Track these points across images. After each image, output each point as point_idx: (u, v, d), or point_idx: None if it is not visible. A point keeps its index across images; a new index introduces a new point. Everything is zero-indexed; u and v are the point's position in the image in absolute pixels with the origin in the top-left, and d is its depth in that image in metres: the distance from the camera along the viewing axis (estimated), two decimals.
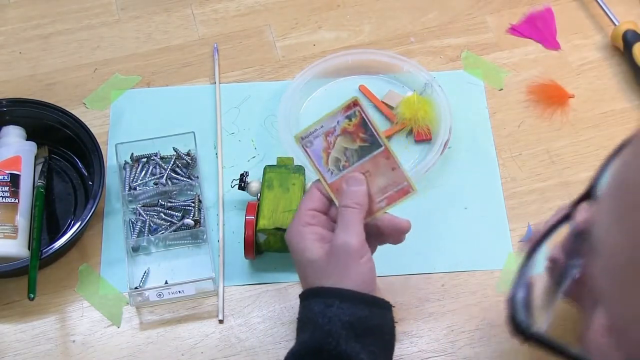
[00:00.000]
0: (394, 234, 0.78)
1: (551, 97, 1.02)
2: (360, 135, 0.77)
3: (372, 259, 0.75)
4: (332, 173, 0.77)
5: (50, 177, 0.96)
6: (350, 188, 0.76)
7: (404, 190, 0.77)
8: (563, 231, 0.51)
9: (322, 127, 0.77)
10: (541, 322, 0.47)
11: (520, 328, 0.43)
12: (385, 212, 0.77)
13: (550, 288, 0.52)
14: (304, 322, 0.73)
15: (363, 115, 0.77)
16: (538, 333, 0.43)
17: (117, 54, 1.07)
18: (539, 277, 0.52)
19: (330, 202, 0.77)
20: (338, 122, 0.77)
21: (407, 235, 0.92)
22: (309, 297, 0.73)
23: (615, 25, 1.05)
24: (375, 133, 0.77)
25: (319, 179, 0.77)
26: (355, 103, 0.77)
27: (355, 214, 0.74)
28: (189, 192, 0.96)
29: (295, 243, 0.75)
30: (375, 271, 0.75)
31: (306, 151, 0.77)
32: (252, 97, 1.03)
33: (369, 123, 0.77)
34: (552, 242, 0.51)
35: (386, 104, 1.02)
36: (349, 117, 0.77)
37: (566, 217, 0.51)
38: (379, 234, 0.77)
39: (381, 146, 0.77)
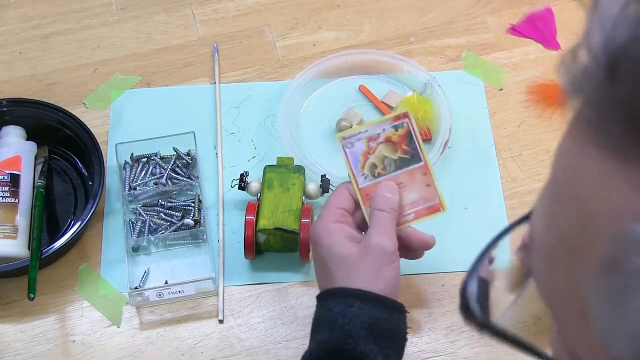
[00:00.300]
0: (420, 249, 0.79)
1: (551, 97, 1.02)
2: (404, 147, 0.77)
3: (399, 267, 0.75)
4: (365, 178, 0.77)
5: (50, 177, 0.96)
6: (386, 194, 0.76)
7: (434, 208, 0.77)
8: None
9: (366, 131, 0.77)
10: (501, 314, 0.47)
11: (472, 317, 0.43)
12: (410, 227, 0.78)
13: (517, 279, 0.52)
14: (320, 322, 0.73)
15: (411, 127, 0.77)
16: (492, 323, 0.43)
17: (117, 54, 1.07)
18: (504, 270, 0.52)
19: (356, 205, 0.77)
20: (384, 130, 0.77)
21: None
22: (326, 297, 0.73)
23: None
24: (418, 147, 0.77)
25: (349, 181, 0.77)
26: (405, 114, 0.77)
27: (390, 218, 0.75)
28: (189, 192, 0.96)
29: (324, 238, 0.74)
30: (399, 279, 0.75)
31: (345, 151, 0.77)
32: (252, 97, 1.03)
33: (414, 136, 0.77)
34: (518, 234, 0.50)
35: (386, 104, 1.02)
36: (395, 127, 0.77)
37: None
38: (404, 248, 0.77)
39: (421, 161, 0.77)
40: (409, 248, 0.79)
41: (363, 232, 0.77)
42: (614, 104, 0.30)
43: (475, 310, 0.42)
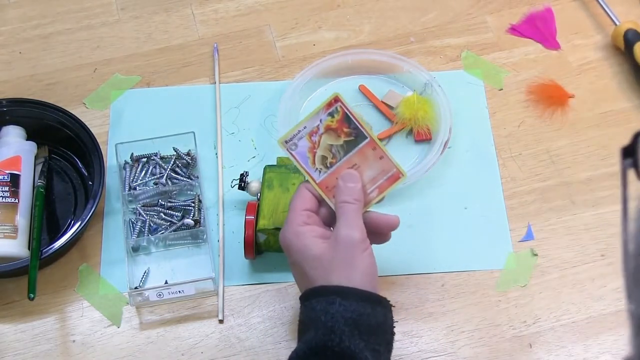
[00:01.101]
0: (386, 231, 0.79)
1: (551, 97, 1.02)
2: (344, 130, 0.78)
3: (373, 254, 0.75)
4: (320, 172, 0.78)
5: (50, 177, 0.96)
6: (347, 184, 0.77)
7: (394, 177, 0.78)
8: None
9: (304, 127, 0.78)
10: None
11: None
12: (373, 211, 0.78)
13: None
14: (306, 323, 0.73)
15: (345, 109, 0.77)
16: None
17: (117, 54, 1.07)
18: None
19: (320, 202, 0.78)
20: (321, 121, 0.78)
21: (407, 235, 0.92)
22: (309, 297, 0.73)
23: (615, 25, 1.05)
24: (359, 125, 0.77)
25: (307, 180, 0.78)
26: (336, 99, 0.78)
27: (355, 208, 0.75)
28: (189, 192, 0.96)
29: (296, 243, 0.75)
30: (376, 266, 0.75)
31: (292, 154, 0.78)
32: (252, 97, 1.03)
33: (351, 116, 0.77)
34: None
35: (386, 104, 1.02)
36: (331, 114, 0.78)
37: None
38: (371, 233, 0.77)
39: (366, 138, 0.78)
40: (376, 232, 0.79)
41: (332, 228, 0.77)
42: None
43: None
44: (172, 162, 0.97)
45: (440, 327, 0.87)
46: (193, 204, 0.94)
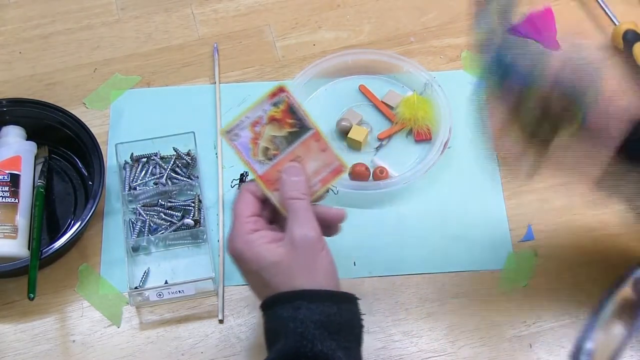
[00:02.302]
0: (335, 223, 0.76)
1: None
2: (288, 121, 0.75)
3: (330, 251, 0.73)
4: (261, 164, 0.75)
5: (50, 177, 0.96)
6: (292, 178, 0.74)
7: (337, 170, 0.76)
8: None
9: (247, 117, 0.75)
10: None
11: None
12: (322, 195, 0.76)
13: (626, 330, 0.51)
14: (273, 331, 0.71)
15: (290, 100, 0.75)
16: None
17: (117, 54, 1.08)
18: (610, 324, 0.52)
19: (263, 201, 0.75)
20: (264, 111, 0.75)
21: (406, 235, 0.92)
22: (272, 305, 0.71)
23: (615, 25, 1.05)
24: (304, 116, 0.75)
25: (249, 182, 0.76)
26: (281, 89, 0.75)
27: (305, 204, 0.72)
28: (189, 192, 0.96)
29: (247, 252, 0.71)
30: (334, 262, 0.73)
31: (233, 145, 0.75)
32: (252, 97, 1.02)
33: (296, 107, 0.75)
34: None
35: (386, 104, 1.02)
36: (275, 104, 0.75)
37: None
38: (324, 224, 0.75)
39: (311, 129, 0.75)
40: (326, 226, 0.75)
41: (275, 225, 0.75)
42: None
43: None
44: (172, 162, 0.97)
45: (440, 327, 0.87)
46: (193, 204, 0.94)
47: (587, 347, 0.48)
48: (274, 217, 0.76)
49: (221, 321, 0.88)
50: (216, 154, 0.99)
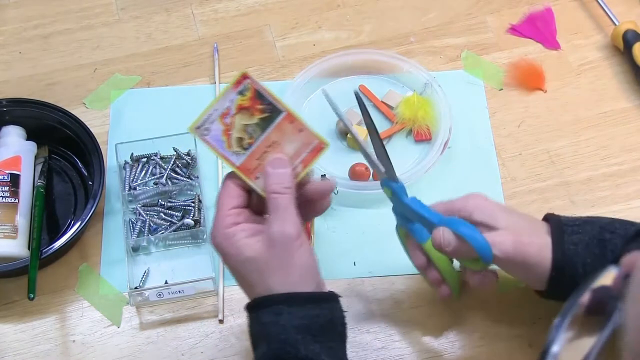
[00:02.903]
0: (326, 195, 0.75)
1: (530, 75, 1.03)
2: (258, 107, 0.73)
3: (310, 246, 0.71)
4: (237, 155, 0.73)
5: (50, 177, 0.97)
6: (276, 170, 0.72)
7: (317, 149, 0.73)
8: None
9: (215, 110, 0.73)
10: None
11: None
12: (306, 176, 0.74)
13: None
14: (257, 336, 0.70)
15: (256, 86, 0.73)
16: None
17: (117, 54, 1.07)
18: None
19: (248, 191, 0.73)
20: (231, 101, 0.73)
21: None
22: (255, 309, 0.70)
23: (615, 25, 1.05)
24: (273, 100, 0.73)
25: (231, 171, 0.74)
26: (244, 76, 0.73)
27: (287, 199, 0.70)
28: (189, 192, 0.96)
29: (227, 247, 0.70)
30: (315, 258, 0.72)
31: (204, 140, 0.73)
32: None
33: (264, 92, 0.73)
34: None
35: (386, 104, 1.02)
36: (241, 93, 0.73)
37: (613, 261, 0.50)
38: (308, 203, 0.74)
39: (282, 112, 0.73)
40: (315, 200, 0.74)
41: (265, 215, 0.73)
42: None
43: None
44: (172, 162, 0.97)
45: (440, 327, 0.87)
46: (193, 204, 0.94)
47: (553, 351, 0.49)
48: (262, 206, 0.74)
49: (221, 321, 0.88)
50: None
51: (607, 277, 0.50)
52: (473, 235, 0.75)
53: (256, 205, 0.74)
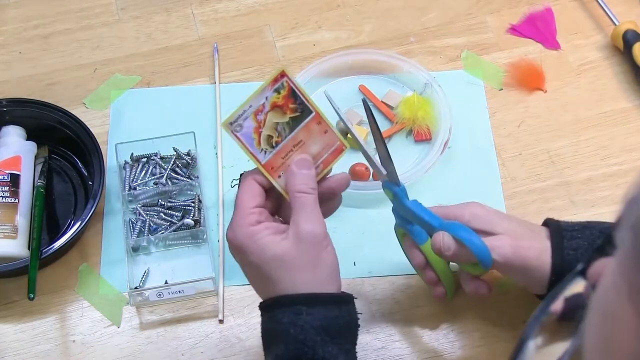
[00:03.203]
0: (341, 189, 0.75)
1: (529, 76, 1.03)
2: (290, 105, 0.74)
3: (334, 247, 0.72)
4: (265, 153, 0.74)
5: (50, 177, 0.97)
6: (302, 171, 0.72)
7: (338, 150, 0.75)
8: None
9: (250, 106, 0.74)
10: None
11: None
12: (325, 176, 0.75)
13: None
14: (273, 335, 0.70)
15: (291, 84, 0.74)
16: None
17: (117, 54, 1.07)
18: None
19: (267, 191, 0.74)
20: (267, 98, 0.74)
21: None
22: (272, 307, 0.70)
23: (615, 25, 1.05)
24: (305, 100, 0.74)
25: (252, 170, 0.74)
26: (282, 74, 0.74)
27: (313, 199, 0.71)
28: (189, 192, 0.96)
29: (250, 245, 0.70)
30: (337, 260, 0.72)
31: (236, 136, 0.74)
32: None
33: (297, 91, 0.74)
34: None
35: (386, 104, 1.02)
36: (277, 90, 0.74)
37: (580, 273, 0.50)
38: (329, 195, 0.74)
39: (312, 112, 0.74)
40: (330, 198, 0.75)
41: (275, 216, 0.74)
42: None
43: None
44: (172, 162, 0.97)
45: (440, 327, 0.87)
46: (193, 204, 0.94)
47: (527, 350, 0.49)
48: (277, 207, 0.75)
49: (221, 321, 0.88)
50: (216, 153, 0.99)
51: (579, 286, 0.50)
52: (472, 240, 0.75)
53: (271, 207, 0.74)
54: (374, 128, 0.78)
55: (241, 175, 0.92)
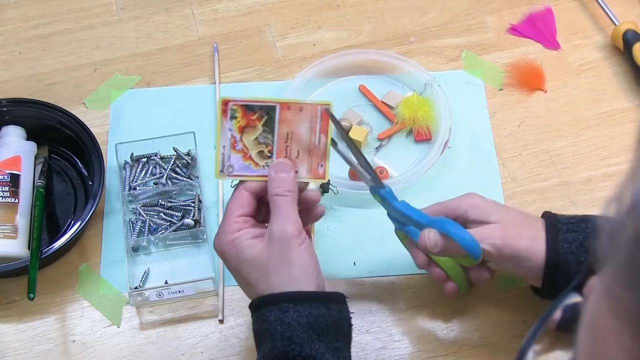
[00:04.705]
0: (312, 203, 0.77)
1: (527, 80, 1.03)
2: (253, 118, 0.75)
3: (312, 246, 0.73)
4: (268, 166, 0.76)
5: (50, 177, 0.97)
6: (278, 175, 0.74)
7: (324, 113, 0.76)
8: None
9: (224, 147, 0.76)
10: None
11: None
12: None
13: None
14: (261, 334, 0.71)
15: (239, 103, 0.75)
16: None
17: (117, 54, 1.07)
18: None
19: (259, 199, 0.76)
20: (230, 130, 0.75)
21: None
22: (260, 307, 0.71)
23: (615, 25, 1.05)
24: (261, 103, 0.75)
25: (243, 181, 0.76)
26: (225, 102, 0.75)
27: (288, 201, 0.72)
28: (189, 192, 0.96)
29: (231, 250, 0.72)
30: (317, 258, 0.73)
31: (236, 177, 0.76)
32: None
33: (249, 103, 0.75)
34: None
35: (386, 104, 1.02)
36: (233, 117, 0.75)
37: (575, 288, 0.51)
38: (303, 210, 0.76)
39: (275, 105, 0.75)
40: (310, 205, 0.77)
41: (267, 224, 0.75)
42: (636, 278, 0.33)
43: None
44: (172, 162, 0.97)
45: (440, 327, 0.87)
46: (193, 204, 0.94)
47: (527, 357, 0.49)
48: (269, 215, 0.75)
49: (221, 321, 0.88)
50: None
51: (577, 298, 0.50)
52: (459, 234, 0.76)
53: (264, 213, 0.76)
54: (344, 136, 0.79)
55: None
